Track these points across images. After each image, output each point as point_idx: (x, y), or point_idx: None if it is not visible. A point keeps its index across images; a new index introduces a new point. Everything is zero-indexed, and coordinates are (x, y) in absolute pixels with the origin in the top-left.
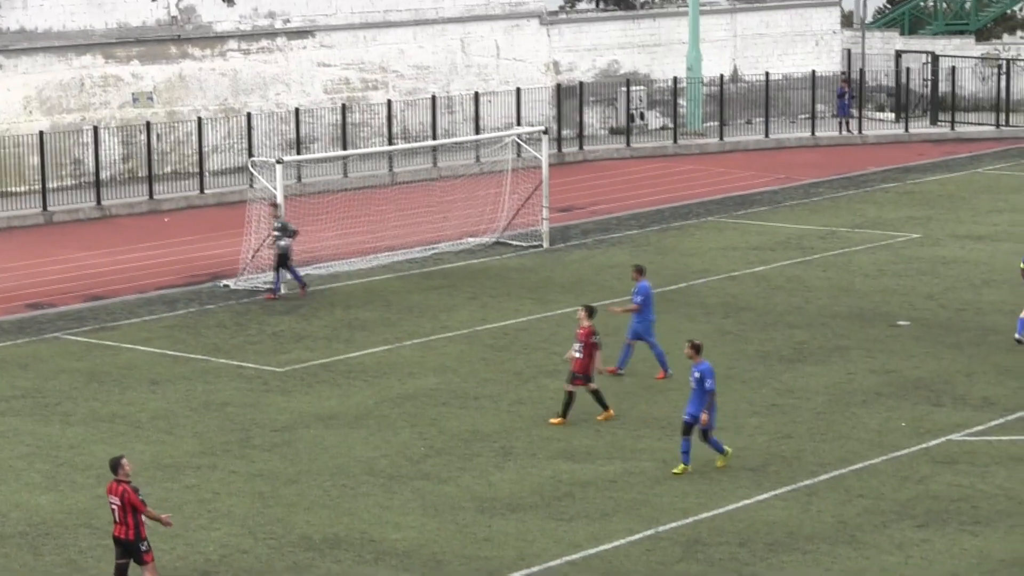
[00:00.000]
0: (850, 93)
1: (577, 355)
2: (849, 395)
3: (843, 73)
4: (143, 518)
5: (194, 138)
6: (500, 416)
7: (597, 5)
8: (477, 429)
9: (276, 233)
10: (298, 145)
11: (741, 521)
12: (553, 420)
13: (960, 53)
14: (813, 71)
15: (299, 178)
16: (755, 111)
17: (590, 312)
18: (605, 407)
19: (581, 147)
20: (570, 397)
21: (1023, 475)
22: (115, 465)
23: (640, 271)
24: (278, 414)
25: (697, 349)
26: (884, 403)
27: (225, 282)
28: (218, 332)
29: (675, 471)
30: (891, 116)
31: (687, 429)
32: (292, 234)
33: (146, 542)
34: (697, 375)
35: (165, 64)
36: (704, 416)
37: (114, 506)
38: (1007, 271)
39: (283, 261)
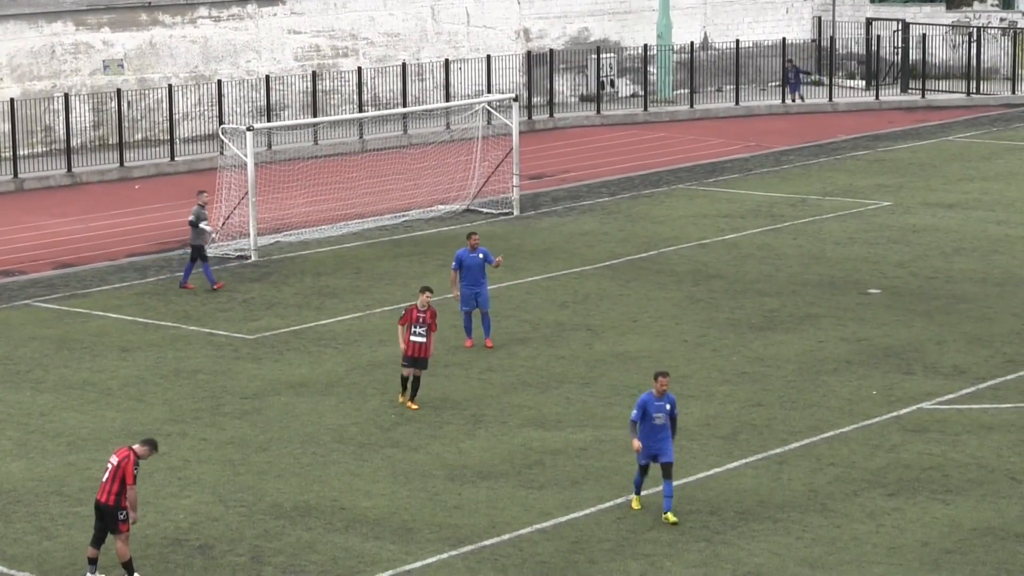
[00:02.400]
0: (797, 70)
1: (422, 339)
2: (820, 363)
3: (789, 60)
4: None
5: (165, 105)
6: (470, 384)
7: None
8: (447, 397)
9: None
10: (268, 112)
11: (711, 489)
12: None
13: (931, 21)
14: (783, 38)
15: (269, 145)
16: (725, 78)
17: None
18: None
19: (551, 115)
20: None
21: (994, 444)
22: (150, 443)
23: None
24: (248, 381)
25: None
26: (855, 371)
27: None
28: (188, 299)
29: (635, 507)
30: (862, 84)
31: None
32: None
33: (125, 511)
34: (668, 407)
35: (136, 31)
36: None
37: (109, 465)
38: (977, 239)
39: (200, 253)
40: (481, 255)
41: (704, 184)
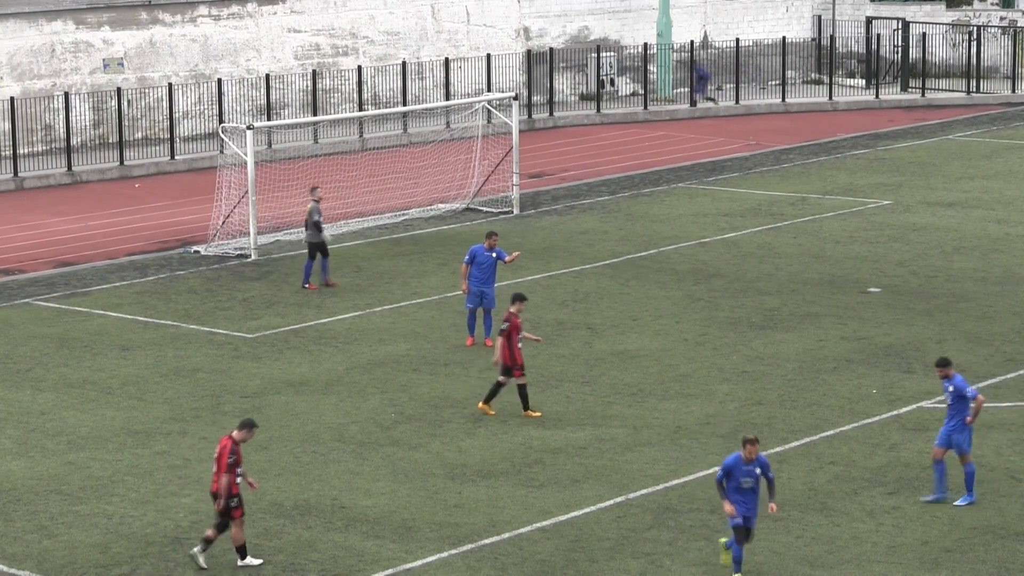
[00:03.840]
0: (700, 73)
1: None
2: (820, 362)
3: (696, 62)
4: (236, 477)
5: (165, 104)
6: (470, 383)
7: None
8: (447, 395)
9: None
10: (268, 111)
11: (712, 488)
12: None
13: (931, 19)
14: (784, 37)
15: (269, 144)
16: (725, 77)
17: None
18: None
19: (551, 113)
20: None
21: (993, 443)
22: (246, 424)
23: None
24: (248, 380)
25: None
26: (855, 370)
27: (196, 248)
28: (189, 298)
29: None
30: (862, 83)
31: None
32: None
33: (236, 498)
34: (758, 471)
35: (136, 30)
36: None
37: (215, 456)
38: (977, 238)
39: (320, 249)
40: (495, 255)
41: (704, 183)
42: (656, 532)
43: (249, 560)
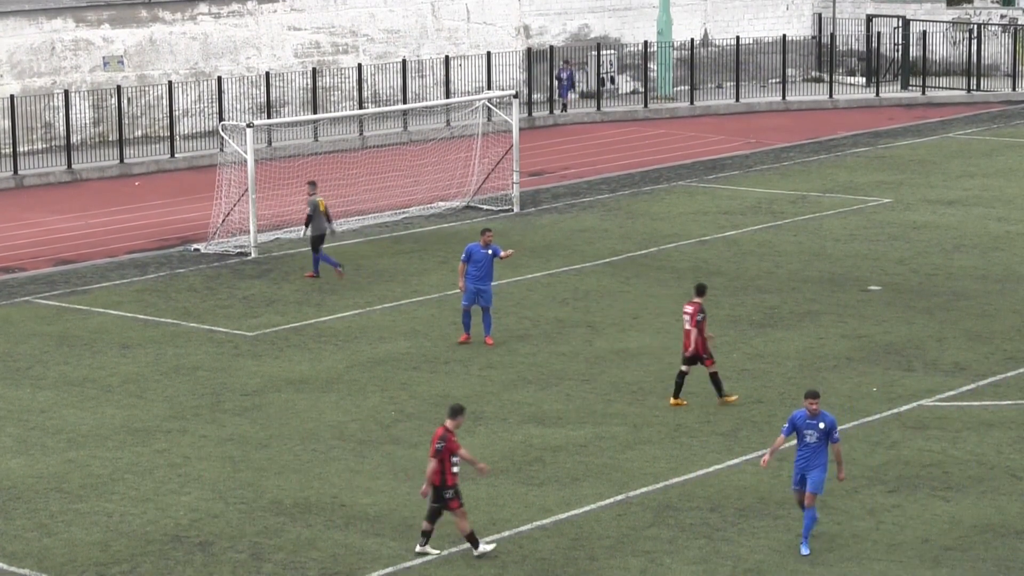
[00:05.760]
0: (570, 74)
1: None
2: (820, 360)
3: (565, 61)
4: (452, 467)
5: (165, 102)
6: (471, 381)
7: None
8: (448, 393)
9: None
10: (268, 109)
11: (712, 486)
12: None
13: (931, 18)
14: (784, 35)
15: (269, 142)
16: (726, 75)
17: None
18: (720, 390)
19: (551, 111)
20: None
21: (994, 440)
22: (454, 410)
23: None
24: (248, 378)
25: None
26: (855, 368)
27: (196, 246)
28: (189, 296)
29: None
30: (862, 81)
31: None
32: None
33: (452, 489)
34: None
35: (136, 28)
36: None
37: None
38: (978, 236)
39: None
40: (491, 251)
41: (704, 181)
42: (656, 530)
43: (483, 548)
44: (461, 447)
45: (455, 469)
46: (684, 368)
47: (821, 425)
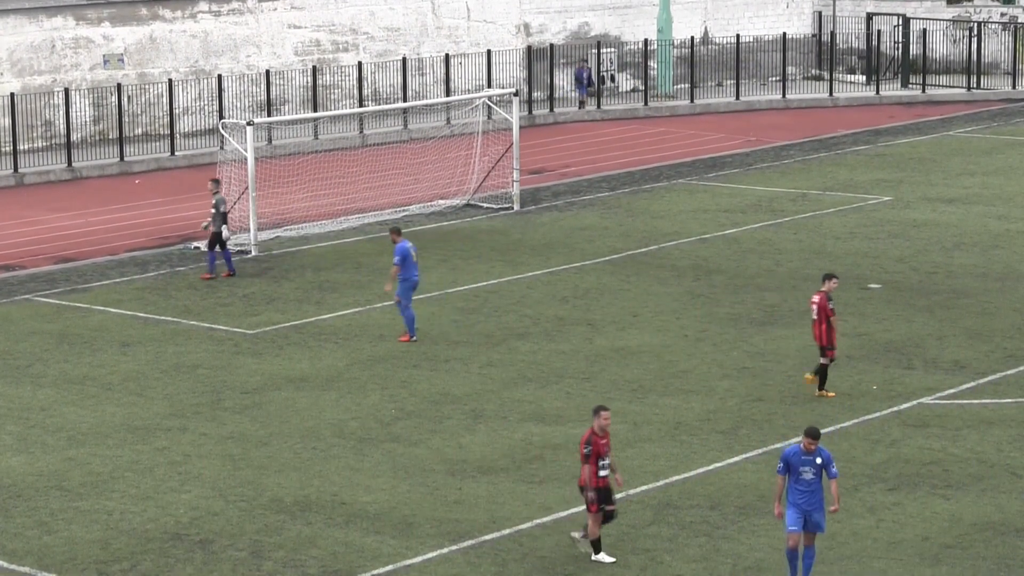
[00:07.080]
0: (588, 75)
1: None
2: (820, 358)
3: (583, 60)
4: (598, 470)
5: (165, 100)
6: (470, 379)
7: None
8: (447, 391)
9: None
10: (268, 107)
11: (712, 484)
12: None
13: (931, 16)
14: (784, 33)
15: (270, 140)
16: (726, 73)
17: (827, 278)
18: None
19: (551, 109)
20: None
21: (994, 439)
22: (597, 410)
23: (397, 232)
24: (249, 376)
25: None
26: (855, 366)
27: (196, 244)
28: (189, 294)
29: None
30: (862, 79)
31: None
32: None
33: (594, 491)
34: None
35: (136, 26)
36: None
37: None
38: (978, 234)
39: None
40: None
41: (704, 179)
42: (656, 528)
43: (602, 556)
44: (609, 451)
45: (602, 472)
46: (823, 360)
47: (818, 460)
